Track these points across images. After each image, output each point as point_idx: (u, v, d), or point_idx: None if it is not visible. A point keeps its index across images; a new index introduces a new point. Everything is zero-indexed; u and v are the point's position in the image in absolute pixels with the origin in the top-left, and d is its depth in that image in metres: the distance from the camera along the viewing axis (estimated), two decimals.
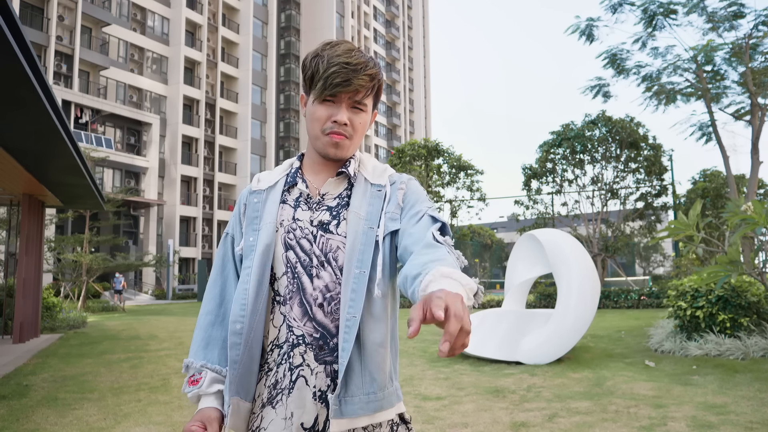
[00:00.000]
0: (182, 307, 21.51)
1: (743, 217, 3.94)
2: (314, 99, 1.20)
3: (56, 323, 11.40)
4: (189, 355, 1.24)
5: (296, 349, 1.15)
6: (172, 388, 5.50)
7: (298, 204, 1.23)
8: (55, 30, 27.93)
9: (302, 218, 1.21)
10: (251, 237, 1.22)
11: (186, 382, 1.22)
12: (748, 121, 10.60)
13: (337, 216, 1.21)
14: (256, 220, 1.23)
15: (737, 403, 4.43)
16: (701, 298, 7.02)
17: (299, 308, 1.16)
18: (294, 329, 1.16)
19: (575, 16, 11.88)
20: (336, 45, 1.19)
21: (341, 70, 1.16)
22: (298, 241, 1.19)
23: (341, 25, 48.65)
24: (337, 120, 1.18)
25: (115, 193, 21.63)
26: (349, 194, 1.24)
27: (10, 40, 3.93)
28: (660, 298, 14.52)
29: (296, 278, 1.18)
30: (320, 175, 1.26)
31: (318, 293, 1.17)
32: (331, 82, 1.16)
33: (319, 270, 1.18)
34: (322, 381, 1.14)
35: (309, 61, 1.21)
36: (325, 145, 1.21)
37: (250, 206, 1.26)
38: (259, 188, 1.27)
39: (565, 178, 18.75)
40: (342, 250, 1.18)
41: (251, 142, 39.93)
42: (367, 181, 1.25)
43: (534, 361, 6.48)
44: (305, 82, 1.23)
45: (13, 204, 11.11)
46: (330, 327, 1.16)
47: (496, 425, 3.98)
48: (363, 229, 1.18)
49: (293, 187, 1.26)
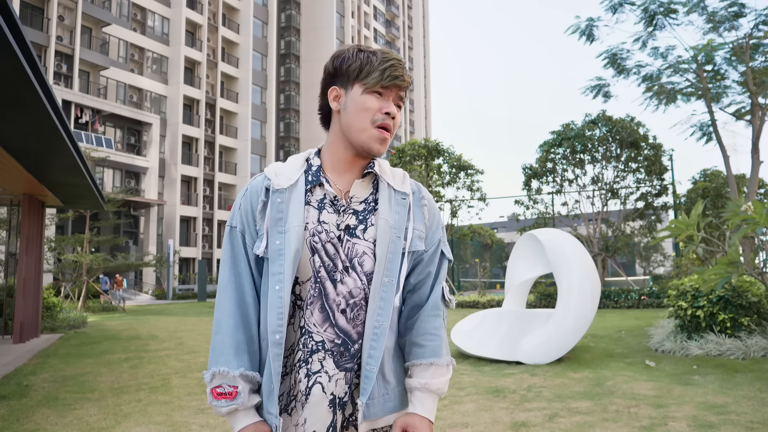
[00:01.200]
0: (182, 307, 21.51)
1: (744, 217, 3.94)
2: (363, 90, 1.18)
3: (56, 323, 11.39)
4: (216, 362, 1.14)
5: (315, 356, 1.13)
6: (172, 388, 5.50)
7: (323, 206, 1.19)
8: (56, 30, 27.93)
9: (328, 221, 1.17)
10: (277, 240, 1.14)
11: (212, 394, 1.13)
12: (749, 121, 10.59)
13: (364, 221, 1.19)
14: (281, 221, 1.16)
15: (738, 403, 4.43)
16: (702, 298, 7.01)
17: (320, 314, 1.14)
18: (313, 335, 1.13)
19: (575, 16, 11.89)
20: (371, 47, 1.22)
21: (398, 65, 1.19)
22: (323, 245, 1.16)
23: (341, 25, 48.66)
24: (389, 111, 1.18)
25: (115, 193, 21.64)
26: (375, 198, 1.22)
27: (10, 40, 3.93)
28: (660, 298, 14.52)
29: (318, 283, 1.15)
30: (344, 176, 1.23)
31: (341, 299, 1.15)
32: (390, 74, 1.17)
33: (343, 275, 1.15)
34: (340, 388, 1.13)
35: (353, 54, 1.20)
36: (372, 138, 1.18)
37: (274, 206, 1.17)
38: (281, 186, 1.18)
39: (565, 178, 18.74)
40: (368, 255, 1.17)
41: (251, 142, 39.94)
42: (390, 186, 1.23)
43: (534, 361, 6.47)
44: (345, 74, 1.20)
45: (13, 204, 11.11)
46: (351, 333, 1.15)
47: (496, 425, 3.98)
48: (392, 237, 1.18)
49: (316, 187, 1.20)
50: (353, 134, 1.19)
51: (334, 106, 1.23)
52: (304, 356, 1.13)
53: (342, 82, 1.21)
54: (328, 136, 1.26)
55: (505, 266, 11.80)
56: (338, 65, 1.21)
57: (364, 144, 1.19)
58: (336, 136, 1.23)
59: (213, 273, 36.24)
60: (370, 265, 1.17)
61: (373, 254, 1.17)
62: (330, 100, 1.23)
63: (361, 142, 1.19)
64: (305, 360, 1.13)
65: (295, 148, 46.88)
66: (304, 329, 1.14)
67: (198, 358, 7.45)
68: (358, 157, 1.22)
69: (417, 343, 1.22)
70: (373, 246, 1.18)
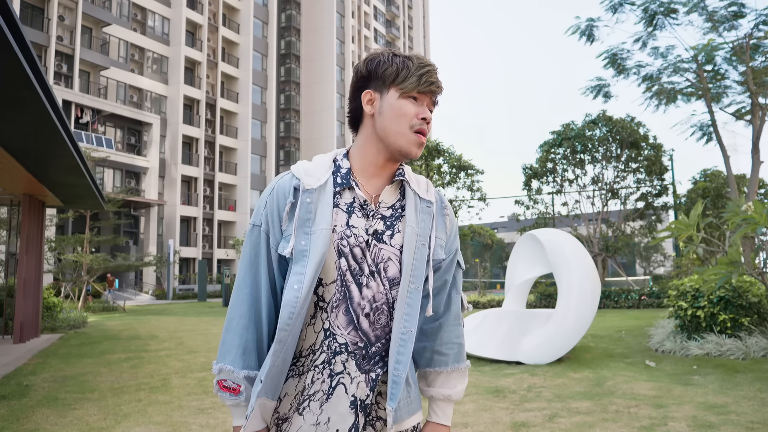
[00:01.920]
0: (182, 307, 21.51)
1: (744, 217, 3.94)
2: (400, 95, 1.19)
3: (56, 323, 11.39)
4: (224, 359, 1.18)
5: (338, 357, 1.14)
6: (172, 388, 5.50)
7: (352, 210, 1.18)
8: (56, 30, 27.93)
9: (357, 225, 1.17)
10: (303, 241, 1.14)
11: (218, 386, 1.18)
12: (749, 121, 10.59)
13: (391, 227, 1.20)
14: (308, 222, 1.15)
15: (738, 403, 4.43)
16: (702, 298, 7.01)
17: (344, 317, 1.15)
18: (337, 337, 1.15)
19: (575, 16, 11.89)
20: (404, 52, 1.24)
21: (433, 71, 1.21)
22: (351, 249, 1.16)
23: (342, 25, 48.66)
24: (425, 117, 1.20)
25: (115, 193, 21.64)
26: (402, 205, 1.23)
27: (11, 40, 3.93)
28: (660, 298, 14.52)
29: (344, 286, 1.15)
30: (373, 180, 1.23)
31: (366, 303, 1.16)
32: (427, 79, 1.19)
33: (369, 280, 1.16)
34: (362, 390, 1.14)
35: (389, 58, 1.21)
36: (411, 143, 1.19)
37: (303, 206, 1.16)
38: (311, 187, 1.17)
39: (565, 178, 18.74)
40: (393, 261, 1.18)
41: (251, 142, 39.95)
42: (416, 194, 1.24)
43: (534, 361, 6.47)
44: (380, 78, 1.21)
45: (13, 204, 11.12)
46: (371, 336, 1.16)
47: (496, 425, 3.98)
48: (417, 245, 1.19)
49: (345, 190, 1.20)
50: (391, 138, 1.19)
51: (368, 109, 1.23)
52: (328, 358, 1.14)
53: (377, 85, 1.22)
54: (358, 139, 1.26)
55: (505, 266, 11.80)
56: (373, 69, 1.22)
57: (402, 148, 1.19)
58: (368, 140, 1.23)
59: (213, 273, 36.25)
60: (394, 271, 1.18)
61: (398, 261, 1.18)
62: (363, 103, 1.23)
63: (399, 146, 1.19)
64: (328, 361, 1.14)
65: (296, 148, 46.89)
66: (329, 331, 1.15)
67: (198, 358, 7.45)
68: (389, 161, 1.23)
69: (440, 352, 1.28)
70: (399, 253, 1.19)
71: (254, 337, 1.18)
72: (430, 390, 1.29)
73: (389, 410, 1.14)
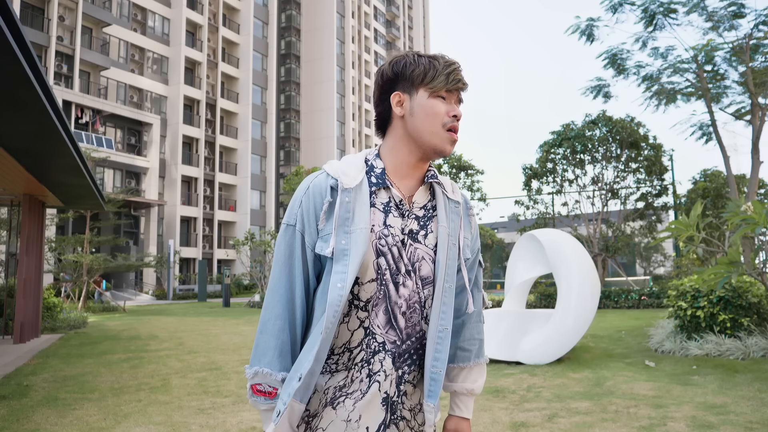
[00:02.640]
0: (183, 307, 21.51)
1: (743, 217, 3.94)
2: (429, 94, 1.21)
3: (57, 323, 11.40)
4: (259, 362, 1.17)
5: (377, 356, 1.16)
6: (172, 388, 5.50)
7: (388, 209, 1.20)
8: (56, 30, 27.94)
9: (394, 225, 1.19)
10: (343, 240, 1.14)
11: (251, 390, 1.17)
12: (749, 121, 10.59)
13: (425, 226, 1.22)
14: (348, 221, 1.16)
15: (737, 403, 4.43)
16: (702, 298, 7.01)
17: (384, 315, 1.17)
18: (376, 336, 1.16)
19: (575, 16, 11.88)
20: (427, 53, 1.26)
21: (459, 69, 1.23)
22: (390, 248, 1.18)
23: (342, 25, 48.67)
24: (456, 114, 1.22)
25: (115, 194, 21.65)
26: (433, 205, 1.26)
27: (10, 40, 3.93)
28: (660, 298, 14.51)
29: (383, 285, 1.17)
30: (405, 180, 1.25)
31: (402, 301, 1.18)
32: (455, 77, 1.22)
33: (405, 279, 1.18)
34: (392, 387, 1.17)
35: (414, 59, 1.23)
36: (445, 141, 1.21)
37: (342, 206, 1.16)
38: (349, 186, 1.18)
39: (565, 178, 18.74)
40: (426, 261, 1.21)
41: (252, 143, 39.94)
42: (445, 194, 1.27)
43: (534, 361, 6.47)
44: (408, 79, 1.22)
45: (13, 204, 11.12)
46: (404, 335, 1.19)
47: (495, 425, 3.98)
48: (449, 245, 1.22)
49: (381, 190, 1.21)
50: (425, 137, 1.21)
51: (398, 111, 1.24)
52: (367, 357, 1.16)
53: (405, 87, 1.23)
54: (388, 141, 1.27)
55: (505, 266, 11.79)
56: (400, 70, 1.23)
57: (437, 146, 1.21)
58: (400, 141, 1.24)
59: (213, 273, 36.25)
60: (427, 270, 1.21)
61: (431, 260, 1.21)
62: (393, 105, 1.24)
63: (433, 144, 1.21)
64: (367, 360, 1.16)
65: (296, 148, 46.89)
66: (369, 330, 1.17)
67: (198, 359, 7.46)
68: (421, 161, 1.25)
69: (463, 348, 1.32)
70: (432, 253, 1.21)
71: (289, 338, 1.19)
72: (453, 385, 1.33)
73: (430, 407, 1.18)
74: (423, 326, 1.21)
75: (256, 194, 40.43)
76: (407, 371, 1.19)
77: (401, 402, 1.20)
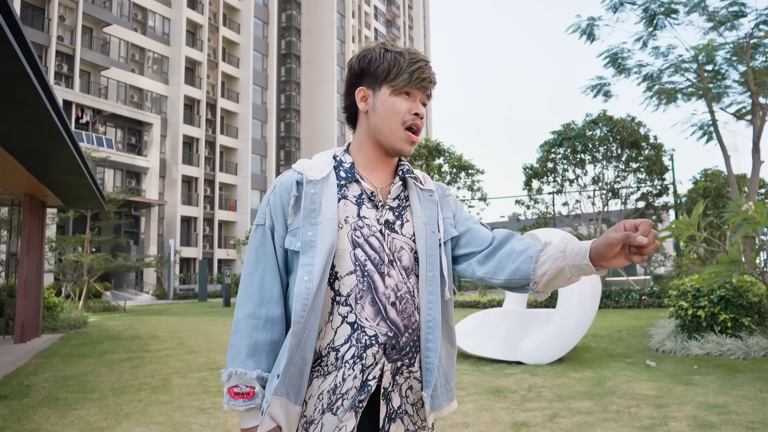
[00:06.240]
0: (183, 307, 21.52)
1: (744, 216, 3.93)
2: (391, 91, 1.20)
3: (57, 323, 11.40)
4: (233, 363, 1.14)
5: (369, 350, 1.13)
6: (173, 388, 5.50)
7: (361, 201, 1.20)
8: (56, 30, 27.94)
9: (368, 216, 1.19)
10: (309, 232, 1.13)
11: (229, 394, 1.13)
12: (750, 121, 10.58)
13: (400, 216, 1.22)
14: (313, 213, 1.15)
15: (738, 402, 4.43)
16: (703, 297, 7.01)
17: (371, 307, 1.14)
18: (366, 330, 1.13)
19: (576, 15, 11.84)
20: (396, 46, 1.23)
21: (425, 66, 1.21)
22: (366, 239, 1.17)
23: (342, 25, 48.64)
24: (418, 112, 1.20)
25: (116, 193, 21.63)
26: (406, 196, 1.25)
27: (11, 40, 3.93)
28: (661, 298, 14.50)
29: (366, 276, 1.15)
30: (376, 174, 1.24)
31: (390, 292, 1.16)
32: (419, 75, 1.19)
33: (389, 269, 1.17)
34: (387, 380, 1.14)
35: (380, 55, 1.21)
36: (402, 140, 1.21)
37: (307, 197, 1.15)
38: (314, 178, 1.18)
39: (566, 178, 18.73)
40: (406, 250, 1.19)
41: (252, 142, 39.95)
42: (417, 185, 1.27)
43: (535, 360, 6.47)
44: (372, 75, 1.21)
45: (14, 204, 11.12)
46: (400, 326, 1.16)
47: (496, 425, 3.98)
48: (427, 233, 1.21)
49: (352, 183, 1.21)
50: (383, 136, 1.21)
51: (361, 106, 1.24)
52: (358, 352, 1.12)
53: (369, 82, 1.22)
54: (356, 136, 1.27)
55: None
56: (365, 66, 1.22)
57: (395, 145, 1.21)
58: (364, 136, 1.25)
59: (214, 273, 36.26)
60: (407, 259, 1.19)
61: (410, 249, 1.20)
62: (357, 101, 1.24)
63: (391, 143, 1.21)
64: (359, 356, 1.12)
65: (296, 148, 46.88)
66: (357, 324, 1.13)
67: (198, 358, 7.46)
68: (387, 155, 1.24)
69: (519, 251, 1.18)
70: (411, 241, 1.20)
71: (266, 338, 1.15)
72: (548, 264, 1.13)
73: (425, 397, 1.16)
74: (417, 317, 1.19)
75: (257, 194, 40.44)
76: (407, 364, 1.16)
77: (404, 396, 1.16)
